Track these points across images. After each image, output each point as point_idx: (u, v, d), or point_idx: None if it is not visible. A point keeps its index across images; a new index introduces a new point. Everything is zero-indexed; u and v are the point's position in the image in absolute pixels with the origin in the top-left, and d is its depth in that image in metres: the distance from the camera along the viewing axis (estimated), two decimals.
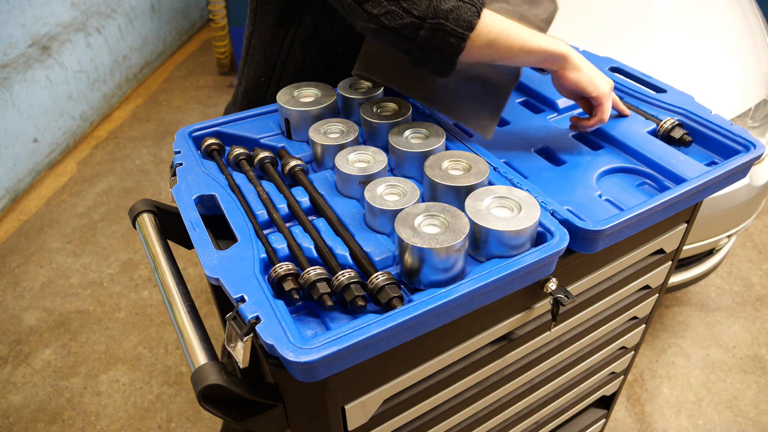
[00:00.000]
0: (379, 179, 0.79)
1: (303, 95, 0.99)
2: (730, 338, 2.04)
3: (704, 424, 1.79)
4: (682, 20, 1.96)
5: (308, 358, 0.57)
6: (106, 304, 2.24)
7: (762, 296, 2.19)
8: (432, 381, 0.80)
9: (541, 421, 1.16)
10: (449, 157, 0.82)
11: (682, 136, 0.91)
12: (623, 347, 1.17)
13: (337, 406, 0.70)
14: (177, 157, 0.90)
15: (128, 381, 1.96)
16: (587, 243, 0.75)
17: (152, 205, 0.90)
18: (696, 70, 1.78)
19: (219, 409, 0.68)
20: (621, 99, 1.00)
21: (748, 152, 0.87)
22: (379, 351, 0.62)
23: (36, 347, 2.09)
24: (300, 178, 0.87)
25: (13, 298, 2.28)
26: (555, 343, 0.96)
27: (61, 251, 2.49)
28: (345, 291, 0.66)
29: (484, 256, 0.72)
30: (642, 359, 1.98)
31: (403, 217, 0.69)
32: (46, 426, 1.84)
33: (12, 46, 2.68)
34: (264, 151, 0.90)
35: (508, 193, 0.75)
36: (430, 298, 0.64)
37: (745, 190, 1.67)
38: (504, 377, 0.91)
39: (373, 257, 0.73)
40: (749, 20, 1.96)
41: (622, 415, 1.81)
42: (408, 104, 0.97)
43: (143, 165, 3.02)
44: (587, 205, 0.81)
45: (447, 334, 0.76)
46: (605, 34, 1.89)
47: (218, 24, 3.55)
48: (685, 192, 0.80)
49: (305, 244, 0.74)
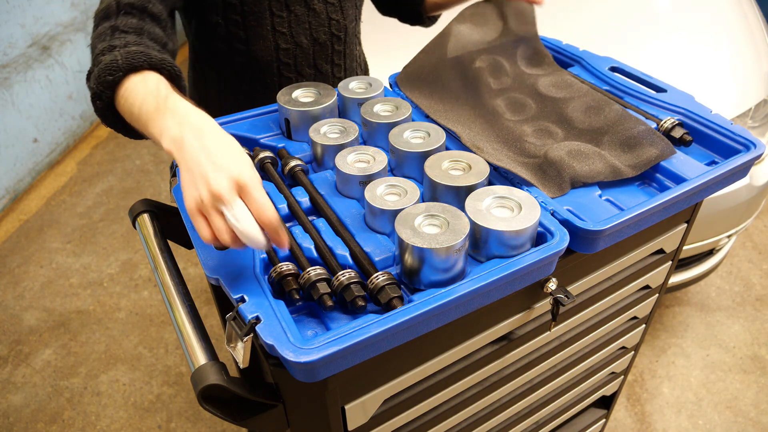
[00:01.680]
0: (379, 179, 0.79)
1: (303, 95, 0.99)
2: (730, 338, 2.04)
3: (704, 424, 1.79)
4: (682, 20, 1.96)
5: (308, 358, 0.57)
6: (106, 304, 2.24)
7: (762, 296, 2.19)
8: (432, 381, 0.80)
9: (541, 421, 1.16)
10: (449, 157, 0.82)
11: (682, 136, 0.91)
12: (623, 347, 1.17)
13: (337, 406, 0.70)
14: None
15: (128, 381, 1.96)
16: (587, 243, 0.75)
17: (152, 205, 0.90)
18: (696, 69, 1.78)
19: (219, 409, 0.68)
20: (621, 99, 1.00)
21: (749, 152, 0.87)
22: (379, 351, 0.62)
23: (36, 347, 2.09)
24: (300, 178, 0.87)
25: (13, 298, 2.28)
26: (555, 343, 0.95)
27: (61, 251, 2.49)
28: (345, 291, 0.66)
29: (484, 256, 0.72)
30: (642, 359, 1.98)
31: (403, 217, 0.69)
32: (46, 426, 1.84)
33: (12, 46, 2.68)
34: (264, 151, 0.90)
35: (508, 193, 0.75)
36: (430, 299, 0.63)
37: (745, 190, 1.67)
38: (504, 377, 0.91)
39: (373, 257, 0.73)
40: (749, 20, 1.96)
41: (622, 415, 1.81)
42: (408, 104, 0.97)
43: (143, 165, 3.02)
44: (587, 205, 0.81)
45: (447, 334, 0.76)
46: (605, 33, 1.89)
47: None
48: (685, 192, 0.80)
49: (305, 244, 0.74)
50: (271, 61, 1.08)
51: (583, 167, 0.84)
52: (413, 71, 1.07)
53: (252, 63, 1.08)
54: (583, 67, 1.11)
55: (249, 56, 1.06)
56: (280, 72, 1.09)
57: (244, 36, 1.04)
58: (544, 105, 0.98)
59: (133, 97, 0.69)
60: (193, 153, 0.61)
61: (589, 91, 0.98)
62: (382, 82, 1.04)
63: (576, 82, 1.01)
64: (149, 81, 0.70)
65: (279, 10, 1.03)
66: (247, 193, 0.60)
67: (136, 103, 0.69)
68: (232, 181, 0.60)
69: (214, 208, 0.60)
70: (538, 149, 0.89)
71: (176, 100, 0.67)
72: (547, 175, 0.84)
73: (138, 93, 0.69)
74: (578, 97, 0.97)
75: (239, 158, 0.62)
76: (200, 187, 0.59)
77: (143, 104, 0.68)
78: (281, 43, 1.06)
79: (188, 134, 0.63)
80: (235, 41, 1.04)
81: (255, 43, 1.05)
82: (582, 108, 0.95)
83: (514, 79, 1.04)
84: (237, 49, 1.06)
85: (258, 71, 1.09)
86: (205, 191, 0.59)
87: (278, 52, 1.07)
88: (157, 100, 0.67)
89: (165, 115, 0.66)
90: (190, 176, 0.61)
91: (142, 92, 0.69)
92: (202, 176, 0.59)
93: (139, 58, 0.71)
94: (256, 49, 1.05)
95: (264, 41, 1.04)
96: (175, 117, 0.65)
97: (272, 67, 1.09)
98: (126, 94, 0.70)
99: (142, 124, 0.68)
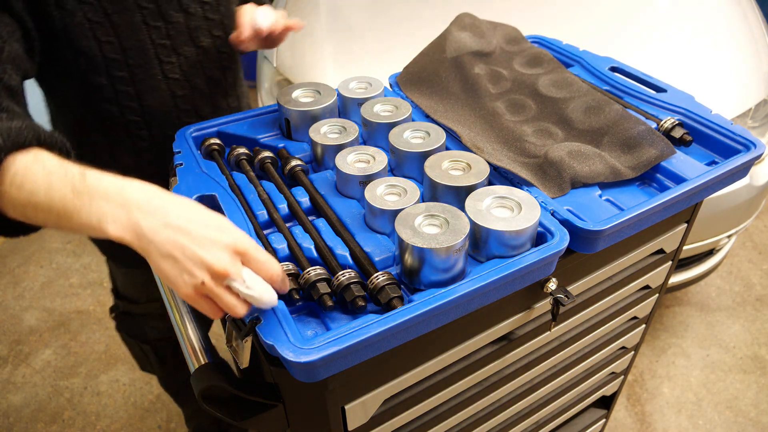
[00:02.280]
0: (379, 179, 0.79)
1: (303, 95, 0.99)
2: (730, 338, 2.04)
3: (704, 424, 1.79)
4: (682, 20, 1.96)
5: (308, 358, 0.57)
6: (106, 304, 2.24)
7: (762, 296, 2.19)
8: (432, 381, 0.80)
9: (541, 421, 1.16)
10: (449, 157, 0.82)
11: (682, 136, 0.91)
12: (623, 347, 1.17)
13: (337, 406, 0.70)
14: (177, 157, 0.90)
15: (128, 381, 1.96)
16: (587, 243, 0.75)
17: None
18: (696, 69, 1.78)
19: (219, 409, 0.68)
20: (621, 99, 1.00)
21: (749, 152, 0.87)
22: (379, 351, 0.62)
23: (36, 347, 2.09)
24: (300, 178, 0.86)
25: (13, 298, 2.28)
26: (555, 343, 0.95)
27: (61, 251, 2.49)
28: (345, 291, 0.66)
29: (484, 256, 0.72)
30: (642, 359, 1.98)
31: (403, 217, 0.69)
32: (46, 426, 1.84)
33: None
34: (264, 151, 0.90)
35: (508, 193, 0.75)
36: (430, 299, 0.63)
37: (745, 190, 1.67)
38: (504, 377, 0.91)
39: (373, 257, 0.73)
40: (749, 20, 1.96)
41: (622, 415, 1.81)
42: (408, 104, 0.97)
43: None
44: (587, 205, 0.81)
45: (447, 334, 0.76)
46: (605, 33, 1.89)
47: None
48: (685, 192, 0.80)
49: (305, 244, 0.74)
50: (169, 110, 0.98)
51: (584, 168, 0.84)
52: (414, 72, 1.07)
53: (148, 118, 0.96)
54: (583, 67, 1.11)
55: (143, 112, 0.95)
56: (180, 120, 1.00)
57: (134, 92, 0.92)
58: (544, 105, 0.98)
59: (32, 183, 0.54)
60: (167, 237, 0.54)
61: (589, 91, 0.98)
62: (382, 82, 1.04)
63: (576, 80, 1.01)
64: (45, 160, 0.56)
65: (167, 56, 0.92)
66: (249, 257, 0.57)
67: (38, 189, 0.54)
68: (231, 251, 0.55)
69: (221, 287, 0.56)
70: (538, 149, 0.89)
71: (97, 177, 0.56)
72: (547, 175, 0.84)
73: (37, 176, 0.55)
74: (578, 96, 0.97)
75: (221, 223, 0.57)
76: (196, 271, 0.54)
77: (51, 190, 0.54)
78: (177, 90, 0.96)
79: (144, 218, 0.54)
80: (126, 99, 0.92)
81: (148, 96, 0.93)
82: (582, 108, 0.95)
83: (513, 81, 1.04)
84: (129, 107, 0.93)
85: (156, 125, 0.98)
86: (205, 274, 0.54)
87: (175, 99, 0.97)
88: (72, 182, 0.55)
89: (93, 198, 0.54)
90: (173, 263, 0.54)
91: (42, 175, 0.55)
92: (195, 259, 0.54)
93: (25, 133, 0.57)
94: (151, 102, 0.94)
95: (158, 92, 0.94)
96: (110, 199, 0.55)
97: (171, 116, 0.99)
98: (17, 180, 0.55)
99: (56, 216, 0.55)
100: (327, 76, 1.80)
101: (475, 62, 1.05)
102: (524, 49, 1.10)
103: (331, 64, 1.84)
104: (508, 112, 0.99)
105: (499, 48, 1.10)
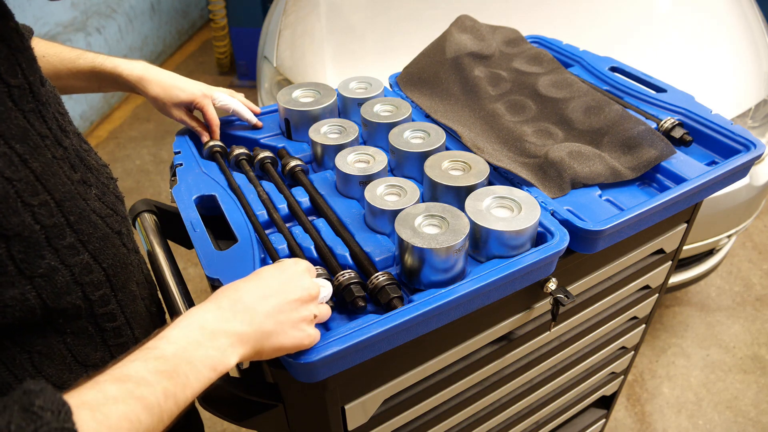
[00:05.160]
0: (379, 179, 0.79)
1: (303, 95, 0.99)
2: (730, 338, 2.04)
3: (704, 424, 1.79)
4: (683, 20, 1.96)
5: (308, 358, 0.57)
6: None
7: (762, 296, 2.19)
8: (432, 381, 0.80)
9: (541, 421, 1.16)
10: (449, 157, 0.82)
11: (682, 136, 0.91)
12: (623, 347, 1.17)
13: (337, 406, 0.70)
14: (177, 157, 0.90)
15: None
16: (587, 243, 0.75)
17: (152, 205, 0.90)
18: (696, 70, 1.78)
19: (219, 409, 0.68)
20: (621, 99, 1.00)
21: (749, 152, 0.87)
22: (380, 351, 0.62)
23: None
24: (300, 178, 0.86)
25: None
26: (555, 343, 0.95)
27: None
28: (345, 291, 0.66)
29: (484, 256, 0.72)
30: (642, 359, 1.98)
31: (403, 218, 0.69)
32: None
33: None
34: (264, 151, 0.90)
35: (508, 193, 0.75)
36: (430, 299, 0.63)
37: (745, 190, 1.67)
38: (504, 377, 0.91)
39: (373, 257, 0.73)
40: (749, 20, 1.96)
41: (622, 415, 1.81)
42: (408, 104, 0.97)
43: (143, 165, 3.02)
44: (587, 205, 0.81)
45: (447, 334, 0.76)
46: (606, 34, 1.89)
47: (218, 24, 3.55)
48: (685, 192, 0.80)
49: (305, 244, 0.74)
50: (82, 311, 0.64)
51: (584, 168, 0.84)
52: (414, 72, 1.07)
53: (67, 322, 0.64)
54: (583, 67, 1.11)
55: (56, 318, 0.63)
56: (97, 322, 0.66)
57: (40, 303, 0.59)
58: (544, 106, 0.98)
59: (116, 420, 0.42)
60: (267, 321, 0.54)
61: (589, 91, 0.98)
62: (382, 82, 1.04)
63: (576, 80, 1.01)
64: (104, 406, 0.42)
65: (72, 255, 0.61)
66: None
67: (137, 417, 0.44)
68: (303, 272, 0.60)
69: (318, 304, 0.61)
70: (538, 150, 0.89)
71: (158, 354, 0.48)
72: (547, 175, 0.84)
73: (119, 411, 0.43)
74: (578, 97, 0.97)
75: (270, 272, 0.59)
76: (304, 312, 0.58)
77: (145, 407, 0.44)
78: (90, 294, 0.64)
79: (237, 328, 0.52)
80: (29, 314, 0.59)
81: (59, 301, 0.61)
82: (582, 108, 0.95)
83: (513, 82, 1.04)
84: (31, 321, 0.60)
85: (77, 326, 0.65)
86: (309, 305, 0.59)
87: (93, 304, 0.65)
88: (147, 375, 0.46)
89: (180, 367, 0.48)
90: (289, 328, 0.56)
91: (122, 407, 0.43)
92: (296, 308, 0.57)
93: None
94: (63, 307, 0.61)
95: (70, 295, 0.61)
96: (193, 356, 0.49)
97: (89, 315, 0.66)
98: None
99: (169, 414, 0.46)
100: (327, 76, 1.80)
101: (474, 64, 1.05)
102: (524, 50, 1.10)
103: (331, 64, 1.84)
104: (508, 113, 0.99)
105: (498, 51, 1.10)
